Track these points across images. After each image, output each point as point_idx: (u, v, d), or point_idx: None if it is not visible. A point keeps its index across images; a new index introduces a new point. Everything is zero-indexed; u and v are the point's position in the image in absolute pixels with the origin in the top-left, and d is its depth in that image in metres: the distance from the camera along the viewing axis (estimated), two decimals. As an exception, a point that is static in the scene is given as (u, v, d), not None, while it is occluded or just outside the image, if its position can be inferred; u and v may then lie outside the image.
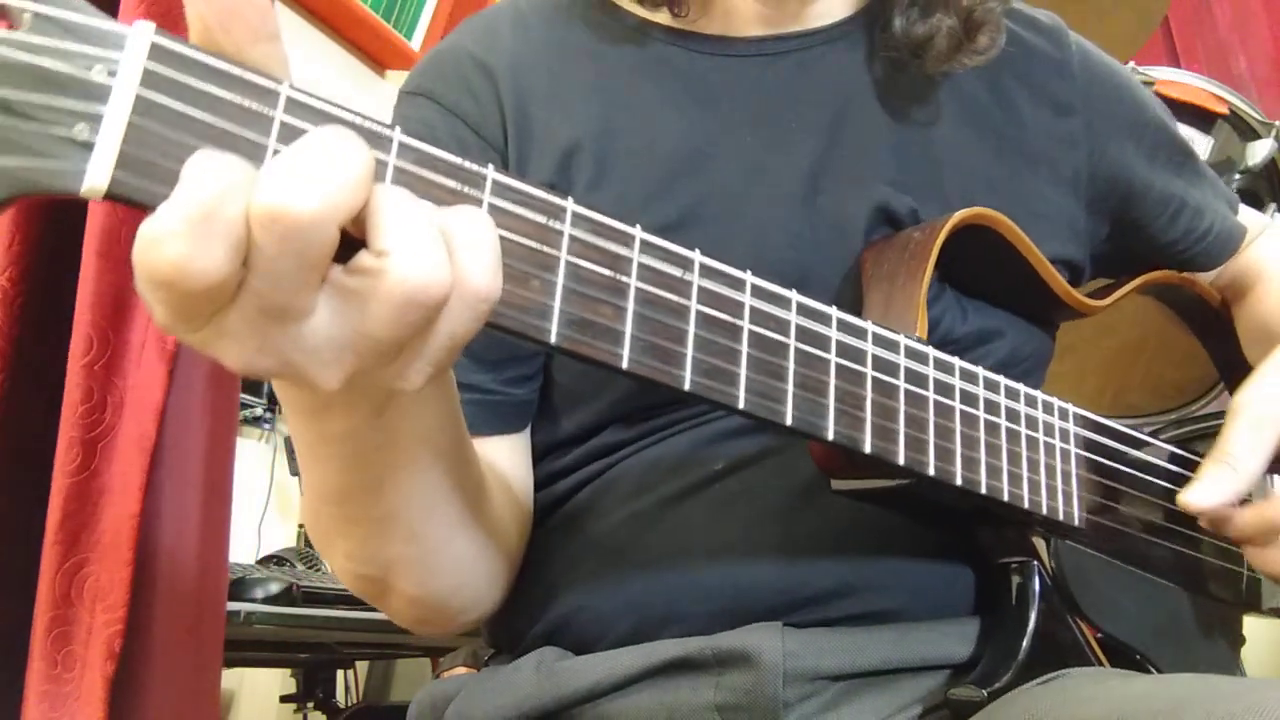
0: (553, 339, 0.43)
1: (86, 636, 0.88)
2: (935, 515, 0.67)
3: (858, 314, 0.56)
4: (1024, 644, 0.63)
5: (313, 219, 0.34)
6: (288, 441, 2.09)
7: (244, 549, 1.94)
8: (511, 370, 0.70)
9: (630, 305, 0.46)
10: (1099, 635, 0.69)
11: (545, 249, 0.43)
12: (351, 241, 0.37)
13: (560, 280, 0.43)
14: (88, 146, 0.34)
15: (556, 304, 0.43)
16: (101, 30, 0.34)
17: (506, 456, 0.71)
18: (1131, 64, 1.68)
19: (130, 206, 0.35)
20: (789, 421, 0.51)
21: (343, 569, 0.61)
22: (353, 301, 0.36)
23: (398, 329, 0.37)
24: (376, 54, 2.46)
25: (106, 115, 0.34)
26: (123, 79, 0.34)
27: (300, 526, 2.06)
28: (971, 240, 0.68)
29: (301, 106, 0.37)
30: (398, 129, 0.39)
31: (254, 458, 2.12)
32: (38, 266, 0.94)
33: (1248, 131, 1.66)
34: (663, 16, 0.74)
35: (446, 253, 0.37)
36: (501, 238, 0.40)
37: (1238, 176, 1.65)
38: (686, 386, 0.47)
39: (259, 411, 2.11)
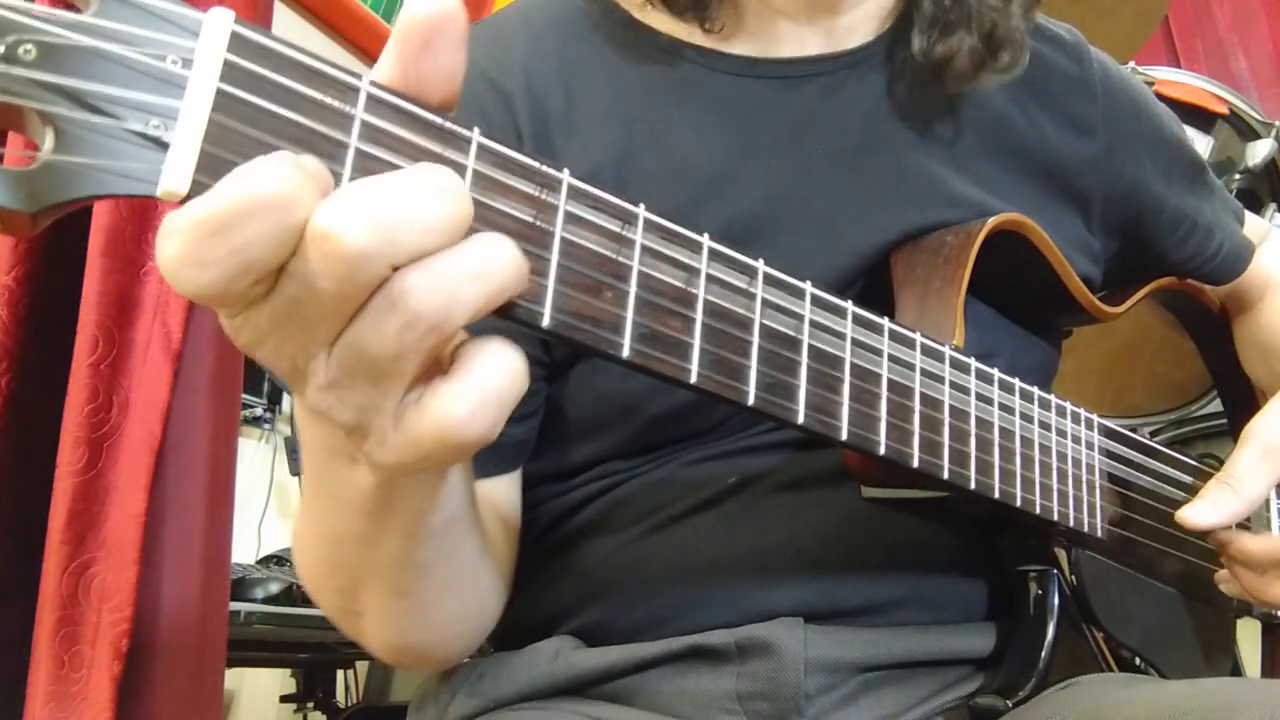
0: (625, 353, 0.41)
1: (93, 636, 0.88)
2: (958, 521, 0.67)
3: (882, 313, 0.55)
4: (1043, 654, 0.64)
5: (362, 253, 0.31)
6: (288, 441, 2.09)
7: (244, 549, 1.93)
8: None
9: (699, 317, 0.44)
10: (1107, 640, 0.70)
11: (619, 258, 0.42)
12: None
13: (633, 290, 0.42)
14: (163, 145, 0.31)
15: (629, 315, 0.41)
16: (175, 15, 0.31)
17: (500, 496, 0.68)
18: (1131, 64, 1.68)
19: None
20: (844, 437, 0.50)
21: (328, 603, 0.58)
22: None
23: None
24: (376, 54, 2.41)
25: (184, 110, 0.31)
26: (200, 71, 0.31)
27: (300, 526, 2.05)
28: (994, 247, 0.67)
29: (382, 104, 0.35)
30: (477, 130, 0.37)
31: (254, 458, 2.12)
32: (43, 265, 0.94)
33: (1248, 131, 1.66)
34: (695, 35, 0.72)
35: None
36: (579, 246, 0.40)
37: (1238, 176, 1.65)
38: (750, 402, 0.46)
39: (259, 411, 2.11)
